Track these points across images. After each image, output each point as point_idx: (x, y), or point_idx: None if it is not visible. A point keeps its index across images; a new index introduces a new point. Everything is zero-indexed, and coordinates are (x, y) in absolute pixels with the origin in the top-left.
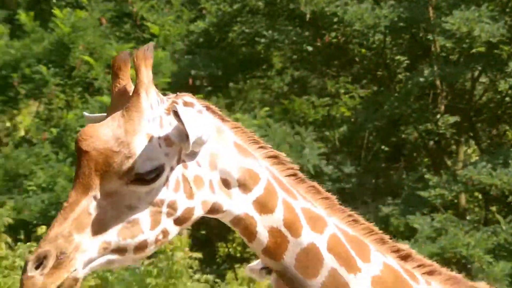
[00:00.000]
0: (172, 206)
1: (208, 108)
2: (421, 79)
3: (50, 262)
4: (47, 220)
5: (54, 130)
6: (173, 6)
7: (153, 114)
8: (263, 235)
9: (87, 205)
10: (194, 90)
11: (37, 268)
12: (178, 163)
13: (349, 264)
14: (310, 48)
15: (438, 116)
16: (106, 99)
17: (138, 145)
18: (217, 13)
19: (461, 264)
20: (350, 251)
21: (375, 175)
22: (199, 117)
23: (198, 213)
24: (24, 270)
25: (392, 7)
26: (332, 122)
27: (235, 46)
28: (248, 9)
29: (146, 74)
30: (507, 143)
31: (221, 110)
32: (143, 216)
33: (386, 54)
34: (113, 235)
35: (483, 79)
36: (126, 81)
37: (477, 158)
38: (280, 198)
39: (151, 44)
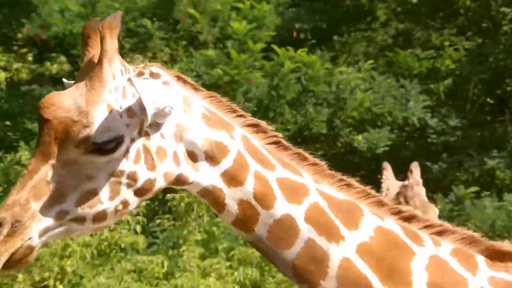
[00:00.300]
0: (132, 177)
1: (179, 79)
2: None
3: (5, 230)
4: None
5: None
6: None
7: (116, 84)
8: (232, 207)
9: (46, 173)
10: (298, 44)
11: None
12: (140, 134)
13: (330, 233)
14: (414, 0)
15: None
16: (211, 53)
17: (97, 115)
18: None
19: None
20: (333, 220)
21: (480, 128)
22: (162, 88)
23: (160, 184)
24: None
25: None
26: (436, 74)
27: None
28: None
29: (111, 44)
30: None
31: (325, 62)
32: (102, 187)
33: (491, 5)
34: (71, 205)
35: None
36: (95, 50)
37: None
38: (252, 170)
39: (119, 13)
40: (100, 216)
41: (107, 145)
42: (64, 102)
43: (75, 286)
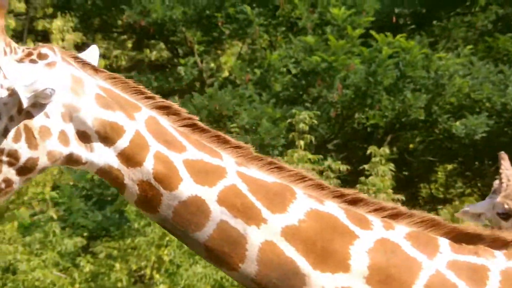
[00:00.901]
0: (13, 156)
1: (75, 60)
2: None
3: None
4: None
5: (258, 71)
6: None
7: (4, 62)
8: (132, 187)
9: None
10: (397, 29)
11: None
12: (19, 113)
13: (249, 216)
14: None
15: None
16: (309, 39)
17: None
18: None
19: None
20: (253, 202)
21: None
22: (45, 70)
23: (44, 163)
24: None
25: None
26: None
27: None
28: None
29: None
30: None
31: (424, 48)
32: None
33: None
34: None
35: None
36: None
37: None
38: (152, 151)
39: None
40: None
41: None
42: None
43: (171, 275)
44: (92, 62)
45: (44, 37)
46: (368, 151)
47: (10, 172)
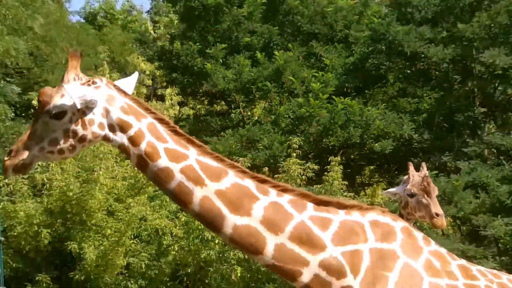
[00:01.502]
0: (74, 133)
1: (115, 87)
2: None
3: (12, 154)
4: None
5: (273, 117)
6: None
7: (69, 85)
8: (133, 157)
9: (35, 127)
10: (347, 94)
11: (7, 156)
12: (78, 111)
13: (196, 181)
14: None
15: None
16: (300, 100)
17: (56, 100)
18: None
19: None
20: (200, 174)
21: None
22: (93, 90)
23: (89, 138)
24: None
25: None
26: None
27: None
28: None
29: (70, 64)
30: None
31: (360, 104)
32: (60, 136)
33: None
34: (46, 144)
35: None
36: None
37: None
38: (146, 139)
39: (77, 50)
40: (61, 151)
41: (57, 116)
42: (47, 92)
43: None
44: (127, 87)
45: (162, 99)
46: (330, 159)
47: (73, 141)
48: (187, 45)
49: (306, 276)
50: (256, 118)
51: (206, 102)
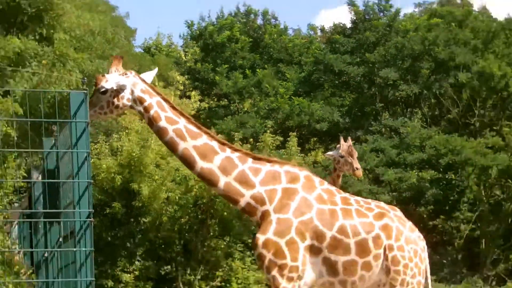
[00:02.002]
0: (112, 103)
1: (139, 77)
2: None
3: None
4: None
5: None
6: None
7: (110, 75)
8: (146, 119)
9: (92, 99)
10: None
11: None
12: (115, 90)
13: (181, 138)
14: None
15: None
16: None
17: (102, 83)
18: None
19: None
20: (184, 133)
21: None
22: (123, 78)
23: (121, 106)
24: None
25: None
26: None
27: None
28: None
29: (114, 63)
30: None
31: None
32: (104, 105)
33: None
34: (97, 108)
35: None
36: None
37: None
38: (154, 109)
39: (119, 56)
40: (105, 113)
41: (103, 92)
42: (98, 78)
43: None
44: (148, 78)
45: (189, 97)
46: (289, 134)
47: (116, 103)
48: (204, 66)
49: (242, 203)
50: (245, 109)
51: (215, 100)
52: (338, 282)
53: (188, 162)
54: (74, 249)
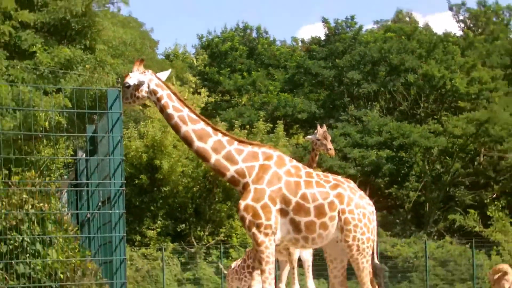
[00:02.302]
0: (134, 95)
1: (156, 76)
2: None
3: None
4: None
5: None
6: None
7: (132, 73)
8: (158, 107)
9: (122, 91)
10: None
11: None
12: (136, 85)
13: (183, 122)
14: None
15: None
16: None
17: (126, 79)
18: None
19: None
20: (186, 119)
21: None
22: (142, 75)
23: (140, 97)
24: None
25: None
26: None
27: None
28: None
29: (136, 65)
30: None
31: None
32: (128, 96)
33: None
34: (123, 99)
35: None
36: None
37: None
38: (164, 100)
39: (140, 59)
40: (129, 103)
41: (128, 87)
42: (126, 76)
43: None
44: (163, 76)
45: (199, 94)
46: (277, 122)
47: (134, 98)
48: (211, 69)
49: (228, 175)
50: (243, 103)
51: (220, 95)
52: (301, 238)
53: (188, 141)
54: (110, 211)
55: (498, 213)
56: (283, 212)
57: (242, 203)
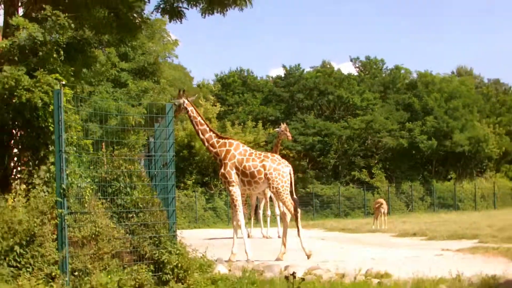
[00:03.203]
0: (177, 111)
1: (187, 99)
2: None
3: None
4: None
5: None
6: None
7: (177, 99)
8: (188, 116)
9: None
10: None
11: None
12: (177, 104)
13: (197, 125)
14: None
15: None
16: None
17: (175, 101)
18: None
19: None
20: (198, 124)
21: None
22: (179, 100)
23: (181, 111)
24: None
25: None
26: None
27: None
28: None
29: (178, 94)
30: None
31: None
32: (176, 110)
33: None
34: (175, 112)
35: None
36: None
37: None
38: (189, 112)
39: (183, 90)
40: (177, 115)
41: (175, 105)
42: (176, 99)
43: None
44: (192, 99)
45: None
46: (258, 122)
47: (177, 112)
48: (222, 92)
49: (212, 153)
50: (239, 111)
51: (227, 107)
52: (247, 188)
53: (198, 134)
54: (167, 170)
55: (378, 171)
56: (237, 175)
57: (220, 172)
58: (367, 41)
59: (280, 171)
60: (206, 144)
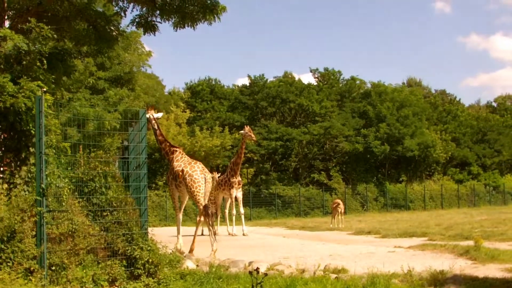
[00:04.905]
0: (147, 124)
1: (152, 115)
2: None
3: None
4: None
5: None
6: None
7: (148, 114)
8: (152, 129)
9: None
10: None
11: None
12: (148, 119)
13: (157, 135)
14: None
15: None
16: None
17: (146, 115)
18: None
19: None
20: (159, 136)
21: None
22: (148, 115)
23: (149, 125)
24: None
25: None
26: None
27: None
28: None
29: (149, 108)
30: None
31: None
32: (147, 123)
33: None
34: (150, 125)
35: None
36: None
37: None
38: (153, 127)
39: (150, 105)
40: (148, 126)
41: (148, 121)
42: (148, 114)
43: None
44: (158, 115)
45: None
46: (230, 127)
47: (148, 125)
48: (191, 100)
49: (168, 159)
50: (208, 117)
51: (196, 113)
52: (183, 189)
53: (158, 143)
54: (139, 171)
55: (335, 174)
56: (174, 179)
57: (174, 169)
58: (326, 54)
59: (196, 176)
60: (163, 151)
